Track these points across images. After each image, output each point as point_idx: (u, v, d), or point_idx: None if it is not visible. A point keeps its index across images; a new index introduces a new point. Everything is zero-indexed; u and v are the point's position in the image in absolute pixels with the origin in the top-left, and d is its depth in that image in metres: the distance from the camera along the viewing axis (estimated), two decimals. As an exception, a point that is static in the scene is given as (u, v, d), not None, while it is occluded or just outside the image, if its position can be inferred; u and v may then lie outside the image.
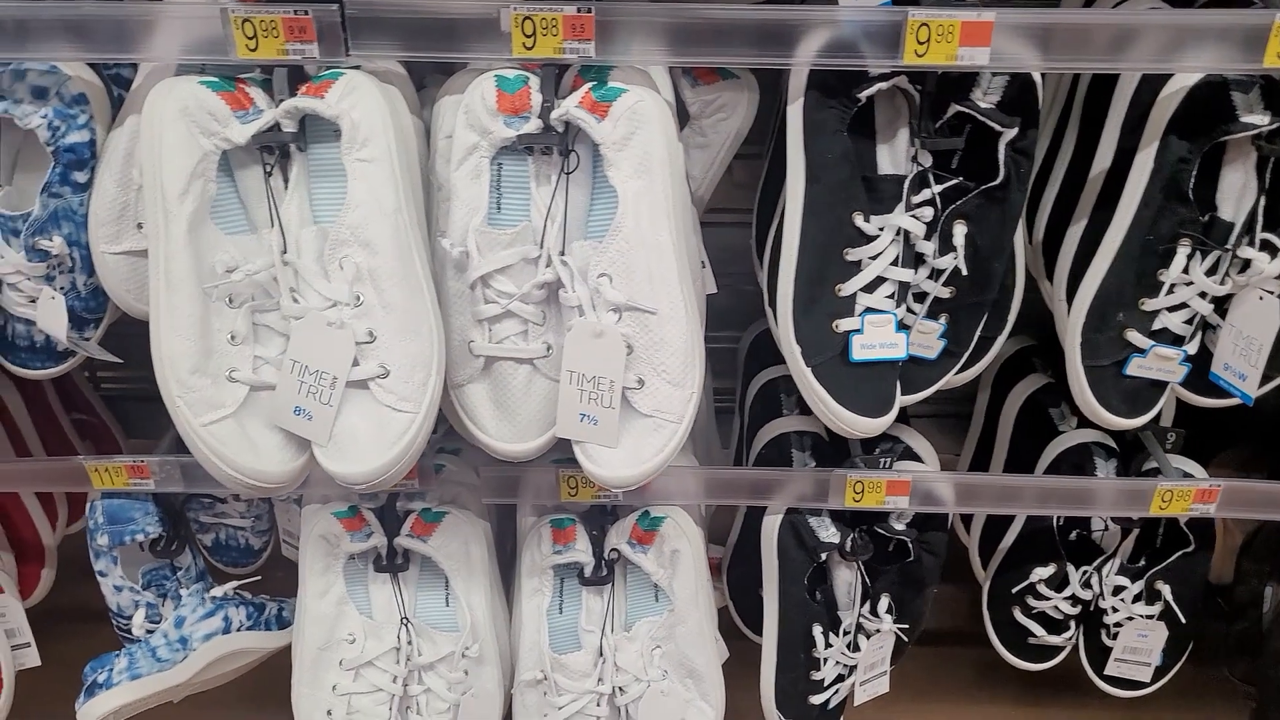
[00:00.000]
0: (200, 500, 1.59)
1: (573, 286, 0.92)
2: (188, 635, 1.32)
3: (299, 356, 0.91)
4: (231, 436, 0.92)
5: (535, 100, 0.93)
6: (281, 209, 0.93)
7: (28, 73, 0.99)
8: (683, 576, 1.22)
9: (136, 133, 1.03)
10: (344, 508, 1.24)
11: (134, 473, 1.23)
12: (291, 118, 0.93)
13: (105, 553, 1.31)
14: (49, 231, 1.04)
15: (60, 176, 1.03)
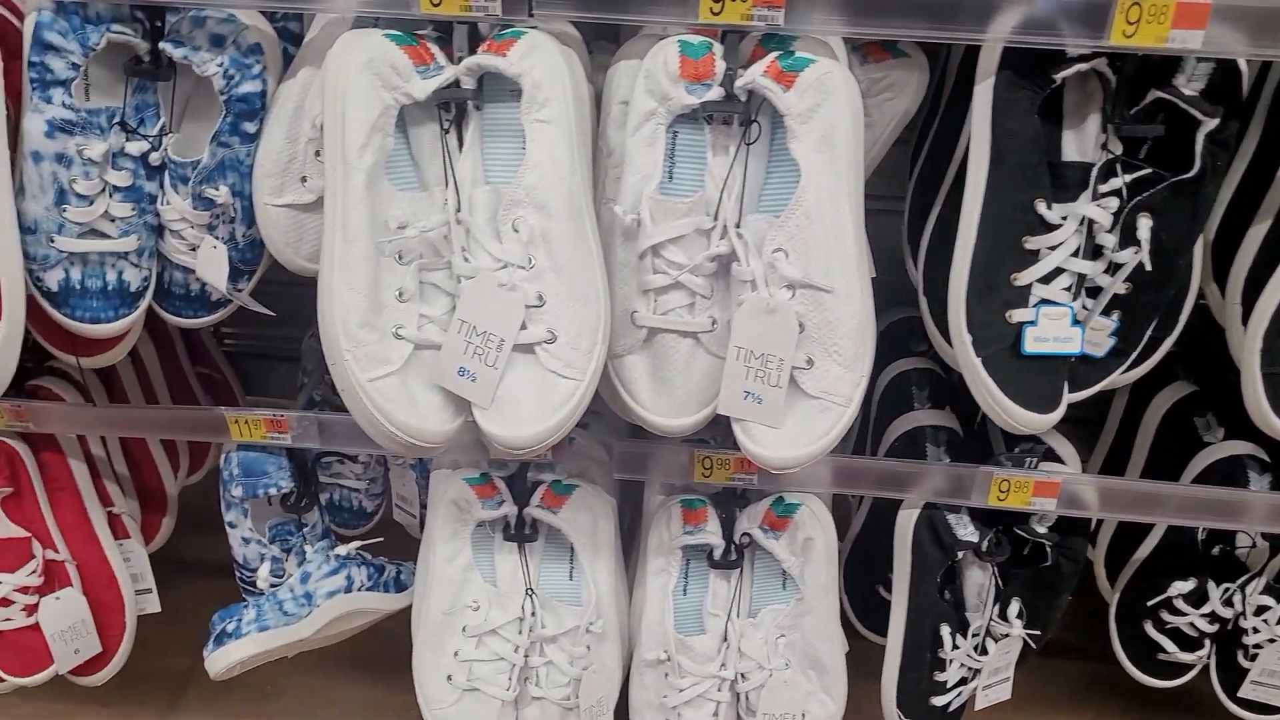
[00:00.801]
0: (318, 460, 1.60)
1: (747, 260, 0.90)
2: (312, 591, 1.33)
3: (467, 317, 0.90)
4: (395, 393, 0.91)
5: (719, 67, 0.90)
6: (456, 167, 0.91)
7: (207, 20, 1.00)
8: (815, 566, 1.20)
9: (309, 85, 1.03)
10: (475, 474, 1.24)
11: (272, 426, 1.24)
12: (472, 75, 0.92)
13: (237, 504, 1.32)
14: (215, 181, 1.05)
15: (230, 126, 1.03)
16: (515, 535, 1.22)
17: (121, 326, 1.09)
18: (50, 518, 1.34)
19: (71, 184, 1.01)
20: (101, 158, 1.00)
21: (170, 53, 0.99)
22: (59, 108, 0.99)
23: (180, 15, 1.00)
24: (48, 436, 1.33)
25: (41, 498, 1.34)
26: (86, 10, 0.97)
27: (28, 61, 0.98)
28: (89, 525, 1.38)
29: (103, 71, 1.02)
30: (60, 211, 1.02)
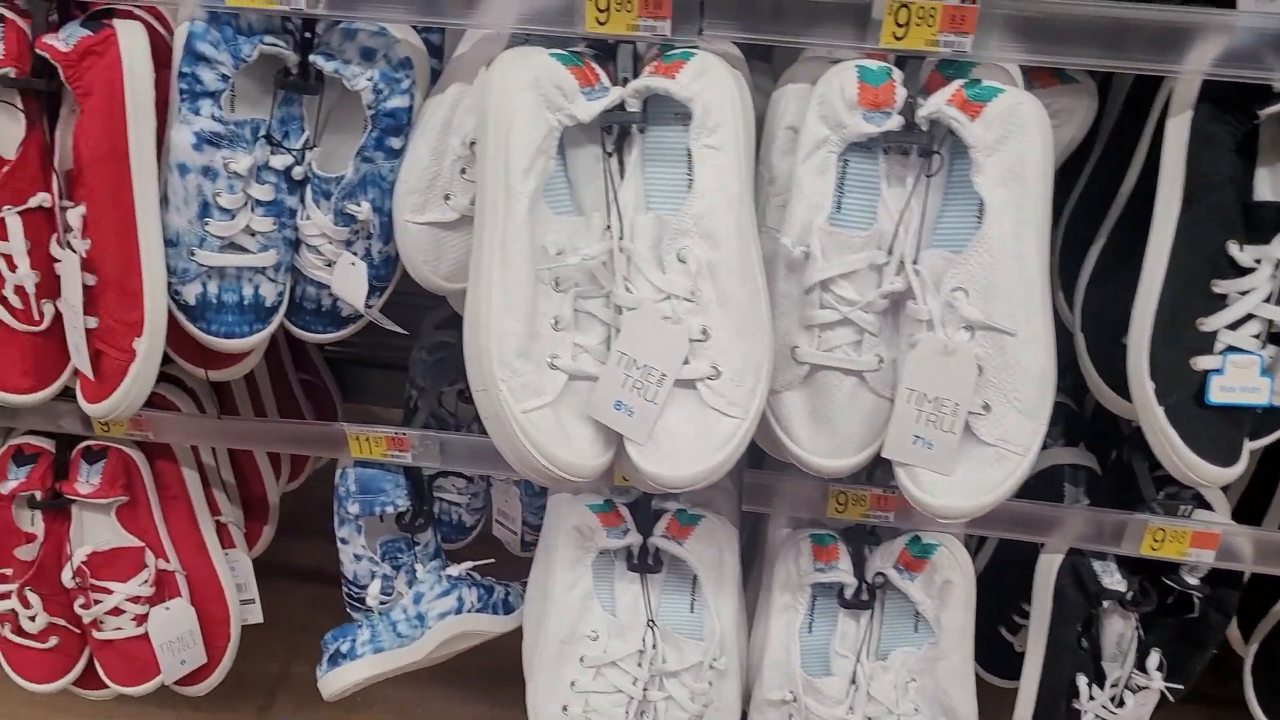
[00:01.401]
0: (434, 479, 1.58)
1: (924, 299, 0.85)
2: (424, 612, 1.30)
3: (628, 349, 0.86)
4: (548, 425, 0.88)
5: (899, 95, 0.86)
6: (619, 192, 0.88)
7: (358, 33, 0.97)
8: (952, 610, 1.15)
9: (458, 102, 1.00)
10: (599, 501, 1.20)
11: (393, 444, 1.22)
12: (638, 97, 0.88)
13: (351, 521, 1.30)
14: (357, 196, 1.02)
15: (376, 141, 1.00)
16: (639, 566, 1.19)
17: (256, 341, 1.07)
18: (163, 527, 1.33)
19: (215, 197, 0.99)
20: (247, 171, 0.98)
21: (321, 66, 0.97)
22: (207, 120, 0.96)
23: (331, 27, 0.97)
24: (162, 445, 1.32)
25: (155, 507, 1.32)
26: (238, 21, 0.95)
27: (178, 72, 0.96)
28: (199, 535, 1.37)
29: (249, 83, 0.99)
30: (202, 225, 1.00)
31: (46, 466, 1.28)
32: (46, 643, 1.34)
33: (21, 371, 1.03)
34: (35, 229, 0.97)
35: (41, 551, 1.29)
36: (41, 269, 0.99)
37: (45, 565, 1.30)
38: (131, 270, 0.96)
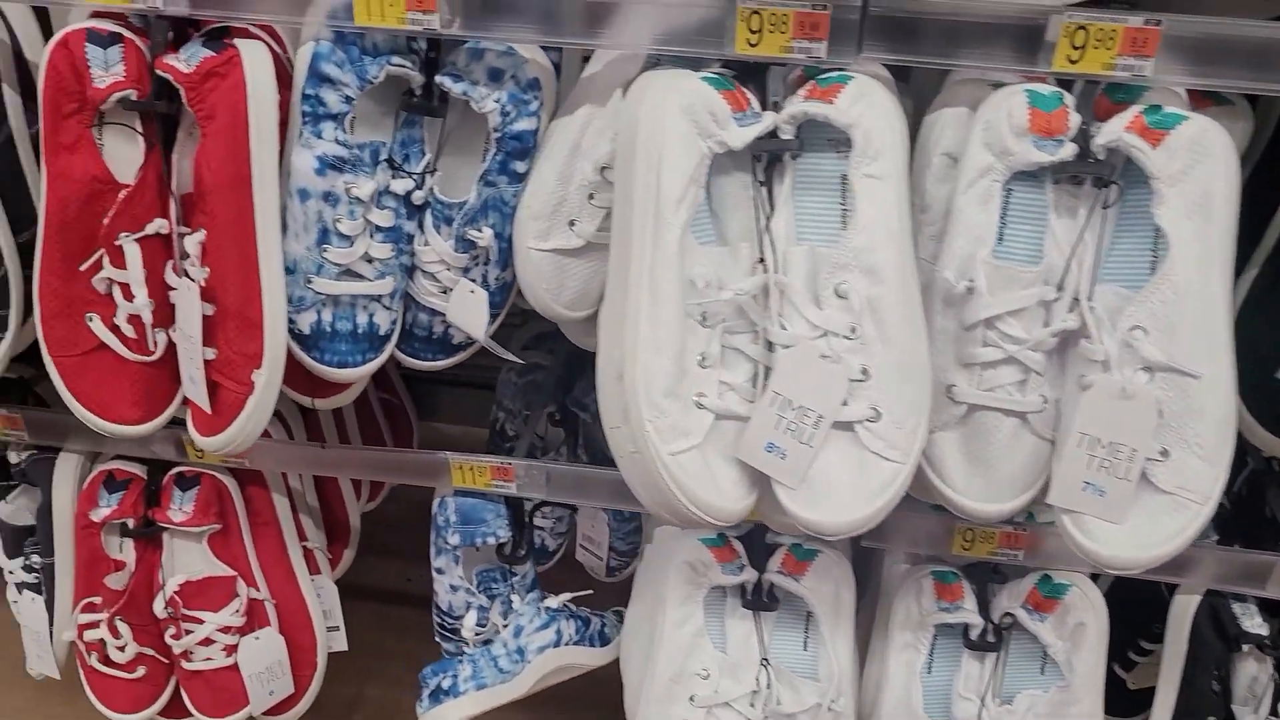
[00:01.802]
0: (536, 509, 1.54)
1: (1100, 338, 0.80)
2: (524, 646, 1.26)
3: (782, 389, 0.82)
4: (696, 468, 0.83)
5: (1073, 121, 0.81)
6: (771, 223, 0.83)
7: (486, 53, 0.93)
8: (1085, 653, 1.10)
9: (588, 125, 0.96)
10: (712, 535, 1.16)
11: (498, 474, 1.18)
12: (794, 124, 0.83)
13: (449, 551, 1.26)
14: (479, 222, 0.98)
15: (500, 165, 0.96)
16: (756, 603, 1.14)
17: (368, 371, 1.03)
18: (253, 555, 1.29)
19: (336, 223, 0.95)
20: (369, 197, 0.94)
21: (449, 87, 0.92)
22: (331, 143, 0.92)
23: (456, 47, 0.93)
24: (253, 471, 1.28)
25: (246, 534, 1.29)
26: (364, 41, 0.91)
27: (301, 94, 0.92)
28: (288, 562, 1.33)
29: (368, 105, 0.95)
30: (321, 252, 0.96)
31: (138, 493, 1.25)
32: (134, 673, 1.31)
33: (131, 402, 1.00)
34: (152, 256, 0.94)
35: (132, 580, 1.26)
36: (156, 298, 0.95)
37: (136, 594, 1.26)
38: (252, 300, 0.93)
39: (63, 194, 0.92)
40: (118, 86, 0.89)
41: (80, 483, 1.27)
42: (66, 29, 0.90)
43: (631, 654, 1.27)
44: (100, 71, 0.89)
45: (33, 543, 1.33)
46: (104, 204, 0.93)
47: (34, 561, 1.33)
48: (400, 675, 1.74)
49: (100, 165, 0.92)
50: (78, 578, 1.29)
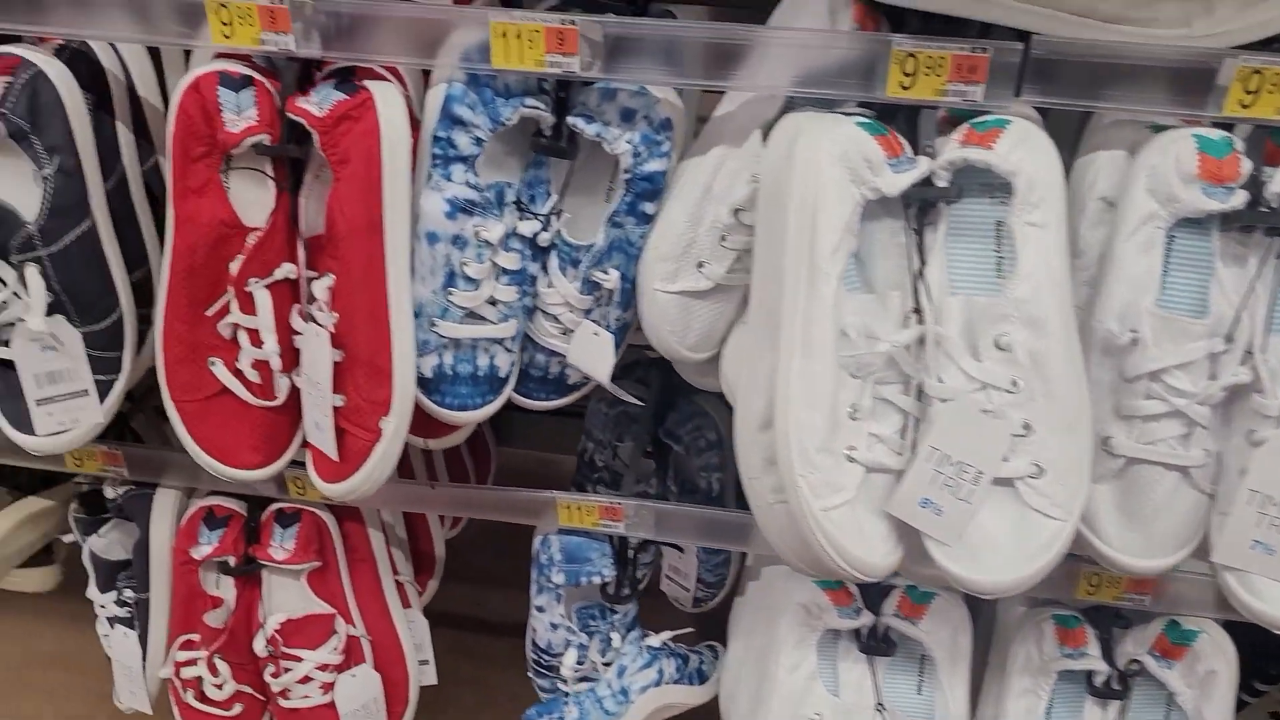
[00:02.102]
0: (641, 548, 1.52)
1: (1275, 392, 0.78)
2: (628, 686, 1.24)
3: (940, 444, 0.79)
4: (847, 523, 0.81)
5: (1245, 168, 0.78)
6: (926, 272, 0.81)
7: (618, 93, 0.90)
8: (1216, 701, 1.07)
9: (721, 165, 0.93)
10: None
11: (606, 514, 1.16)
12: (950, 169, 0.81)
13: (551, 589, 1.24)
14: (605, 263, 0.96)
15: (628, 206, 0.94)
16: (874, 647, 1.12)
17: (487, 414, 1.01)
18: (350, 591, 1.28)
19: (463, 267, 0.93)
20: (498, 240, 0.92)
21: (581, 129, 0.90)
22: (461, 186, 0.91)
23: (586, 87, 0.91)
24: (350, 506, 1.26)
25: (344, 571, 1.27)
26: (496, 83, 0.89)
27: (432, 136, 0.90)
28: (383, 598, 1.32)
29: (495, 146, 0.93)
30: (446, 295, 0.94)
31: (239, 530, 1.23)
32: (231, 710, 1.29)
33: (251, 447, 0.98)
34: (279, 301, 0.92)
35: (232, 618, 1.24)
36: (283, 343, 0.93)
37: (235, 631, 1.25)
38: (382, 347, 0.91)
39: (191, 239, 0.91)
40: (251, 131, 0.87)
41: (178, 518, 1.26)
42: (197, 72, 0.88)
43: (736, 696, 1.25)
44: (232, 115, 0.87)
45: (126, 577, 1.32)
46: (230, 248, 0.92)
47: (127, 596, 1.31)
48: (476, 704, 1.73)
49: (228, 209, 0.91)
50: (174, 613, 1.27)
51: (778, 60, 0.84)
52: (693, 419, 1.41)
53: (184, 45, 0.90)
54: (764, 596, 1.21)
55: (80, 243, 0.95)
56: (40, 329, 0.94)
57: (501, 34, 0.85)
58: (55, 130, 0.92)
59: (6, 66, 0.91)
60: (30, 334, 0.95)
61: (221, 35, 0.87)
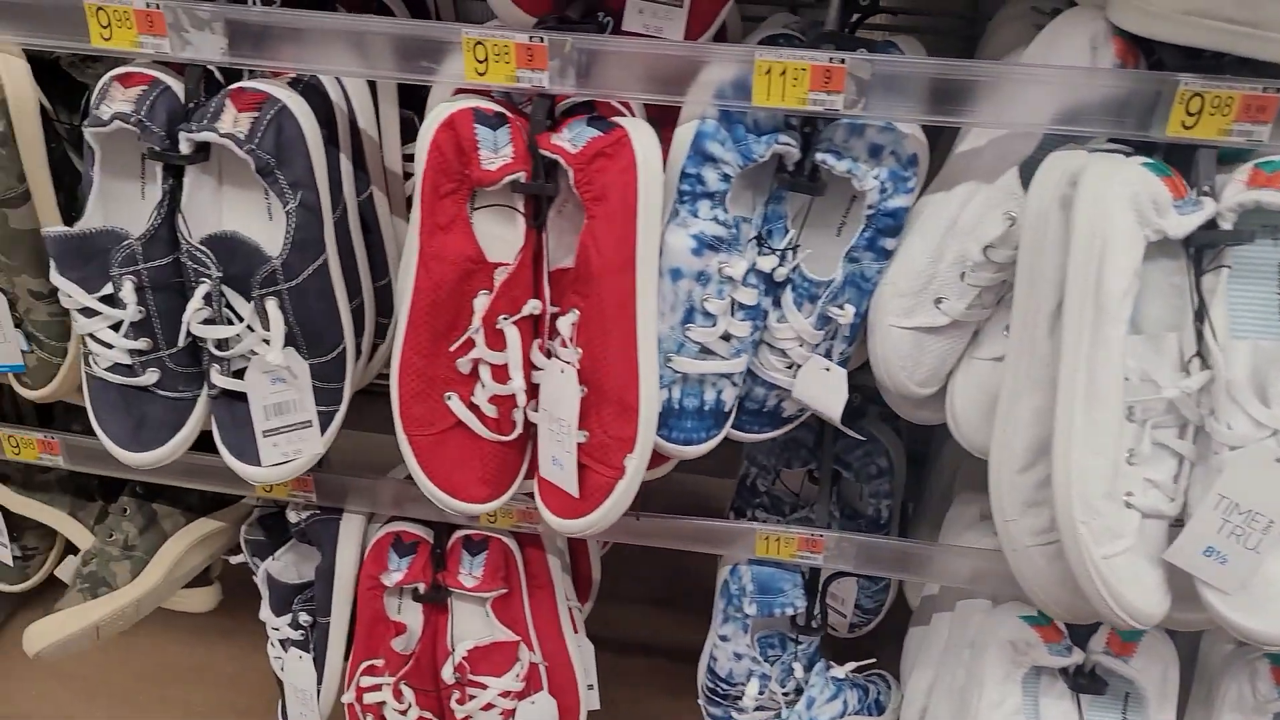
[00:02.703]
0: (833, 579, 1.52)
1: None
2: (816, 718, 1.23)
3: (1230, 493, 0.78)
4: (1126, 571, 0.80)
5: None
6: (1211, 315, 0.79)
7: (866, 129, 0.89)
8: None
9: (967, 202, 0.92)
10: (1032, 613, 1.12)
11: (806, 545, 1.14)
12: (1236, 212, 0.79)
13: (739, 619, 1.23)
14: (840, 299, 0.95)
15: (868, 242, 0.93)
16: (1080, 684, 1.10)
17: (709, 447, 1.00)
18: (530, 617, 1.27)
19: (703, 302, 0.93)
20: (740, 276, 0.91)
21: (831, 165, 0.90)
22: (709, 222, 0.90)
23: (834, 124, 0.90)
24: (532, 534, 1.26)
25: (525, 597, 1.27)
26: (747, 119, 0.88)
27: (680, 173, 0.89)
28: (559, 623, 1.31)
29: (736, 182, 0.92)
30: (684, 331, 0.94)
31: (427, 557, 1.23)
32: (410, 736, 1.29)
33: (481, 480, 0.98)
34: (524, 337, 0.92)
35: (419, 644, 1.24)
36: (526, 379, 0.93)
37: (421, 658, 1.25)
38: (630, 384, 0.90)
39: (437, 275, 0.90)
40: (509, 169, 0.87)
41: (363, 544, 1.26)
42: (450, 109, 0.88)
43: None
44: (489, 153, 0.87)
45: (302, 601, 1.32)
46: (474, 283, 0.91)
47: (303, 620, 1.32)
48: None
49: (474, 245, 0.90)
50: (357, 639, 1.27)
51: (1041, 96, 0.83)
52: (862, 445, 1.39)
53: (428, 81, 0.90)
54: (961, 630, 1.19)
55: (315, 276, 0.95)
56: (278, 362, 0.94)
57: (765, 71, 0.84)
58: (298, 165, 0.92)
59: (252, 102, 0.91)
60: (265, 366, 0.95)
61: (475, 73, 0.87)
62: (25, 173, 0.98)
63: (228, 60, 0.90)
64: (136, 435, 1.01)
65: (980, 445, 0.99)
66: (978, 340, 0.98)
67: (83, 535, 1.42)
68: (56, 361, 1.07)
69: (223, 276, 0.93)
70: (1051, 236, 0.83)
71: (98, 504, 1.40)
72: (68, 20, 0.91)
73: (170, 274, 0.95)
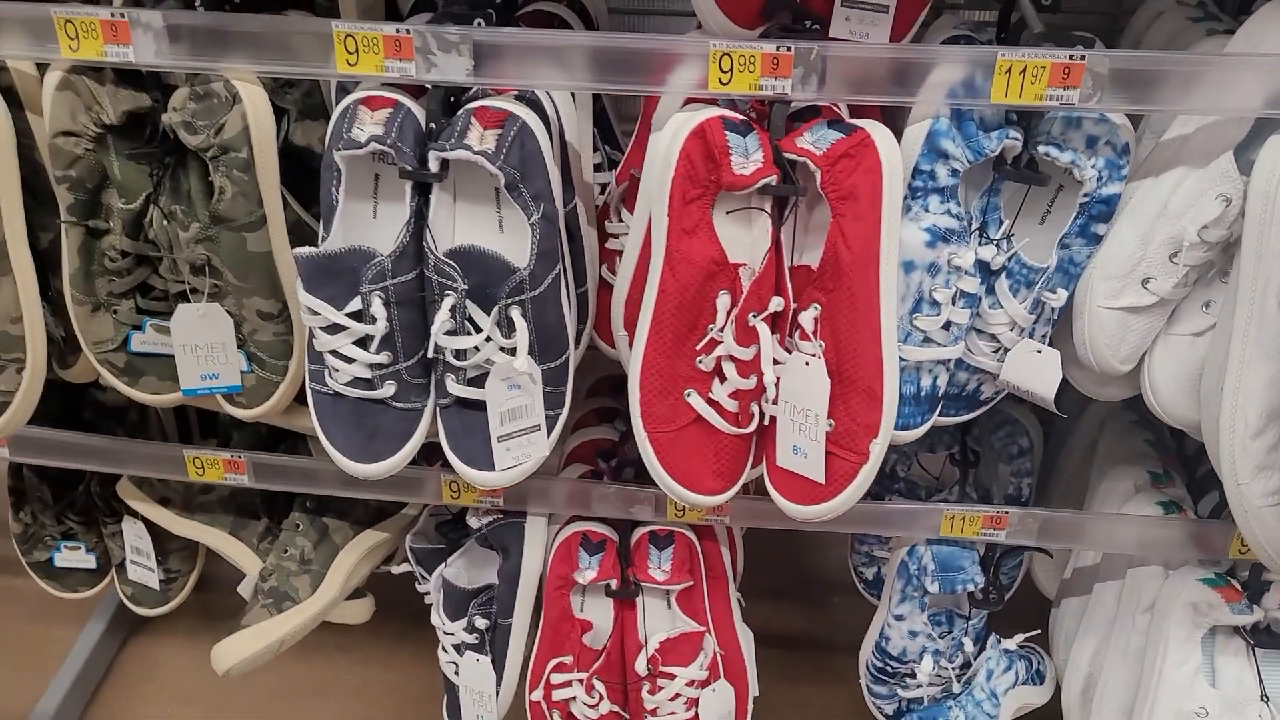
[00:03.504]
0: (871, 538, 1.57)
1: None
2: (995, 689, 1.28)
3: None
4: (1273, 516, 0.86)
5: None
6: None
7: (1083, 121, 0.95)
8: None
9: (1178, 186, 0.98)
10: (1212, 575, 1.18)
11: (990, 523, 1.19)
12: None
13: (917, 598, 1.28)
14: (1054, 284, 1.00)
15: (1080, 228, 0.99)
16: (1263, 640, 1.16)
17: (923, 431, 1.05)
18: (708, 608, 1.31)
19: (932, 292, 0.98)
20: (969, 265, 0.96)
21: (1055, 157, 0.95)
22: (941, 215, 0.95)
23: (1050, 116, 0.96)
24: (706, 526, 1.30)
25: (704, 588, 1.31)
26: (976, 116, 0.93)
27: (914, 169, 0.94)
28: (731, 613, 1.36)
29: (959, 176, 0.97)
30: (912, 320, 0.99)
31: (615, 554, 1.27)
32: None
33: (715, 473, 1.02)
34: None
35: (610, 639, 1.28)
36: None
37: (612, 652, 1.29)
38: (876, 373, 0.95)
39: (684, 277, 0.95)
40: (761, 173, 0.91)
41: (548, 545, 1.29)
42: (697, 118, 0.92)
43: (1099, 695, 1.28)
44: (741, 159, 0.91)
45: (478, 605, 1.35)
46: (716, 284, 0.96)
47: (478, 623, 1.35)
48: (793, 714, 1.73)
49: (718, 247, 0.95)
50: (542, 638, 1.31)
51: (1256, 83, 0.88)
52: (1004, 426, 1.45)
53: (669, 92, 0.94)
54: (1133, 598, 1.25)
55: (553, 285, 0.99)
56: (524, 369, 0.97)
57: (1005, 70, 0.89)
58: (539, 179, 0.96)
59: (496, 120, 0.95)
60: (505, 372, 0.98)
61: (719, 82, 0.92)
62: (262, 198, 1.00)
63: (472, 80, 0.93)
64: (368, 447, 1.04)
65: (1179, 416, 1.05)
66: (1175, 317, 1.03)
67: (244, 554, 1.44)
68: (276, 380, 1.10)
69: (467, 289, 0.96)
70: (1278, 214, 0.89)
71: (260, 523, 1.43)
72: (313, 48, 0.94)
73: (413, 289, 0.99)
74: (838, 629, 1.91)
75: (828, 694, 1.82)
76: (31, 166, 1.06)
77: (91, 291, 1.06)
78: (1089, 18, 1.33)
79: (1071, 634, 1.36)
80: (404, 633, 1.85)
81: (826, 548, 2.09)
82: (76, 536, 1.57)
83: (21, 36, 0.95)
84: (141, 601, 1.61)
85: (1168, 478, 1.29)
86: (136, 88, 1.01)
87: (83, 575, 1.62)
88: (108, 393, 1.46)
